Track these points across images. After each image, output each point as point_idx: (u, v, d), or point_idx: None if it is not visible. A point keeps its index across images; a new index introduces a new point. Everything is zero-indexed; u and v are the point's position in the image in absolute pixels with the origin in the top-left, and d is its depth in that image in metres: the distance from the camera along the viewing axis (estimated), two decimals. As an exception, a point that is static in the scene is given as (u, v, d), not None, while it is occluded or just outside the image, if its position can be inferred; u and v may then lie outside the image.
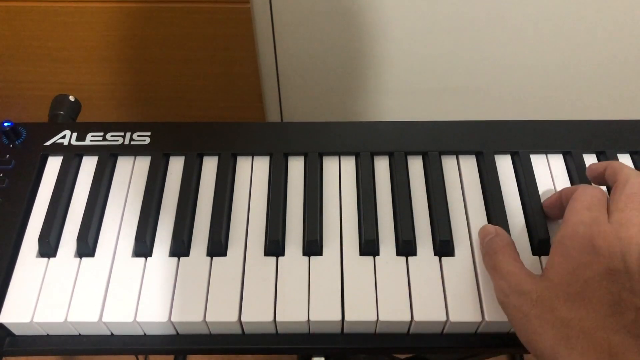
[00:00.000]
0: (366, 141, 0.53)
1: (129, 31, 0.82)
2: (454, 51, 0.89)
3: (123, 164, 0.53)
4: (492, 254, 0.44)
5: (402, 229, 0.47)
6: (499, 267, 0.42)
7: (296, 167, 0.52)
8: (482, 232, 0.46)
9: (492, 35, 0.87)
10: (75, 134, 0.54)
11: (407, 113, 1.01)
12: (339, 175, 0.52)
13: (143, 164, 0.52)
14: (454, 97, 0.98)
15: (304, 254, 0.47)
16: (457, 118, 0.55)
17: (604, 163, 0.46)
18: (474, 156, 0.53)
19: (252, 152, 0.53)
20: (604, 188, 0.48)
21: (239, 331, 0.45)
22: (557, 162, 0.52)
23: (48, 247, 0.47)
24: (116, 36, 0.83)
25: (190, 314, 0.44)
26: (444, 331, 0.45)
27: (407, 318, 0.44)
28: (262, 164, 0.52)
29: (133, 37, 0.83)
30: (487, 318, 0.43)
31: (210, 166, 0.52)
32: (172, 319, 0.44)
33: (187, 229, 0.48)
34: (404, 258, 0.47)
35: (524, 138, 0.53)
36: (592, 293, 0.37)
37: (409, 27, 0.86)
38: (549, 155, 0.53)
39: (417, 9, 0.83)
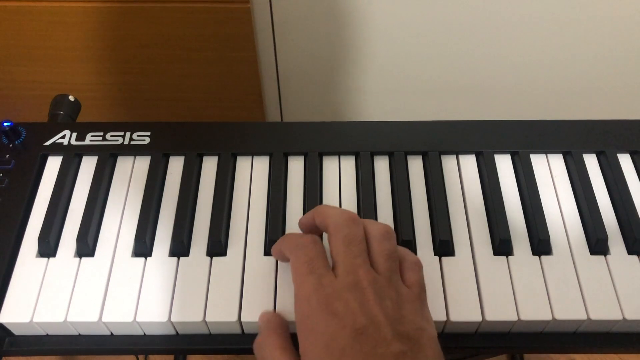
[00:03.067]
0: (366, 141, 0.53)
1: (129, 31, 0.82)
2: (455, 51, 0.89)
3: (123, 164, 0.53)
4: (259, 346, 0.41)
5: (402, 228, 0.47)
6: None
7: (296, 167, 0.52)
8: (260, 320, 0.43)
9: (493, 35, 0.87)
10: (75, 134, 0.54)
11: (407, 113, 1.01)
12: (339, 175, 0.52)
13: (143, 163, 0.52)
14: (454, 97, 0.98)
15: (303, 254, 0.47)
16: (457, 118, 0.55)
17: (310, 213, 0.44)
18: (474, 156, 0.53)
19: (252, 152, 0.53)
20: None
21: (239, 331, 0.45)
22: (557, 162, 0.52)
23: (48, 247, 0.47)
24: (116, 36, 0.83)
25: (190, 314, 0.44)
26: (444, 331, 0.45)
27: (407, 318, 0.44)
28: (262, 164, 0.52)
29: (133, 37, 0.83)
30: (487, 318, 0.43)
31: (210, 166, 0.52)
32: (172, 319, 0.44)
33: (187, 228, 0.48)
34: (404, 258, 0.47)
35: (524, 138, 0.53)
36: None
37: (409, 28, 0.86)
38: (549, 155, 0.53)
39: (417, 9, 0.83)
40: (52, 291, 0.45)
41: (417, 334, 0.37)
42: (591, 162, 0.52)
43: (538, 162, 0.52)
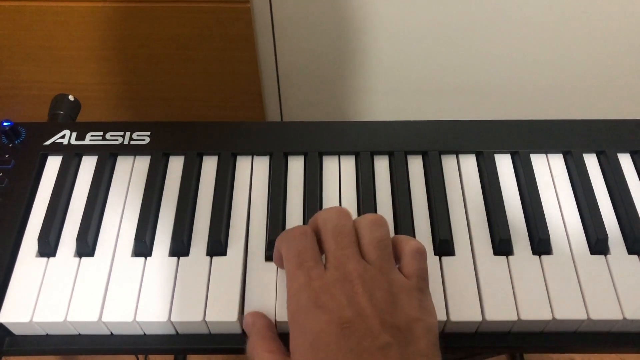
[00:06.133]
0: (366, 141, 0.53)
1: (129, 31, 0.82)
2: (455, 51, 0.89)
3: (123, 164, 0.53)
4: (250, 350, 0.41)
5: (402, 228, 0.47)
6: None
7: (296, 167, 0.52)
8: (245, 325, 0.43)
9: (493, 35, 0.87)
10: (74, 134, 0.53)
11: (407, 113, 1.01)
12: (339, 175, 0.52)
13: (143, 163, 0.52)
14: (454, 97, 0.98)
15: (303, 254, 0.47)
16: (457, 118, 0.55)
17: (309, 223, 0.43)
18: (474, 156, 0.53)
19: (252, 152, 0.53)
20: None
21: (239, 331, 0.45)
22: (557, 162, 0.52)
23: (47, 246, 0.47)
24: (116, 36, 0.83)
25: (190, 314, 0.44)
26: (444, 331, 0.45)
27: (407, 318, 0.43)
28: (262, 164, 0.52)
29: (133, 37, 0.83)
30: (487, 317, 0.43)
31: (210, 166, 0.52)
32: (172, 319, 0.44)
33: (187, 228, 0.48)
34: (404, 258, 0.46)
35: (524, 138, 0.53)
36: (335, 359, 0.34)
37: (409, 27, 0.86)
38: (549, 155, 0.53)
39: (417, 9, 0.83)
40: (52, 291, 0.45)
41: (410, 325, 0.36)
42: (591, 162, 0.52)
43: (538, 162, 0.52)
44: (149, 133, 0.53)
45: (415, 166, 0.52)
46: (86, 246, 0.47)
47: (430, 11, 0.83)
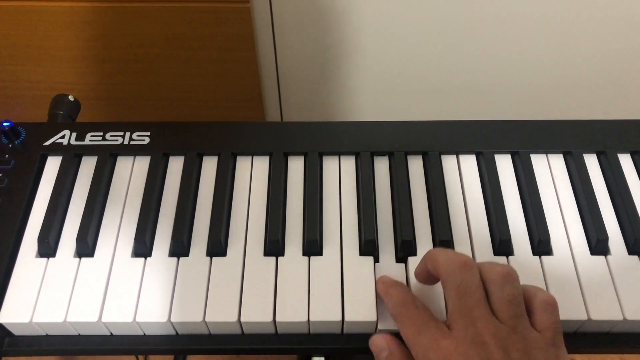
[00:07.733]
0: (366, 141, 0.53)
1: (129, 31, 0.82)
2: (455, 51, 0.89)
3: (122, 164, 0.53)
4: None
5: (402, 228, 0.47)
6: None
7: (296, 167, 0.52)
8: (374, 347, 0.41)
9: (492, 35, 0.87)
10: (74, 134, 0.53)
11: (406, 113, 1.01)
12: (339, 175, 0.52)
13: (142, 163, 0.52)
14: (454, 97, 0.98)
15: (303, 254, 0.47)
16: (457, 118, 0.55)
17: (422, 260, 0.42)
18: (474, 156, 0.53)
19: (252, 152, 0.53)
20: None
21: (239, 331, 0.45)
22: (557, 162, 0.52)
23: (47, 247, 0.47)
24: (116, 36, 0.83)
25: (189, 314, 0.44)
26: (444, 331, 0.45)
27: (407, 318, 0.43)
28: (262, 164, 0.52)
29: (133, 37, 0.83)
30: (487, 318, 0.43)
31: (210, 166, 0.52)
32: (172, 319, 0.44)
33: (187, 228, 0.48)
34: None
35: (524, 138, 0.53)
36: None
37: (410, 28, 0.86)
38: (549, 155, 0.53)
39: (418, 10, 0.83)
40: (51, 291, 0.45)
41: None
42: (591, 162, 0.52)
43: (538, 162, 0.52)
44: (149, 133, 0.53)
45: (415, 166, 0.52)
46: (86, 246, 0.47)
47: (430, 11, 0.83)
